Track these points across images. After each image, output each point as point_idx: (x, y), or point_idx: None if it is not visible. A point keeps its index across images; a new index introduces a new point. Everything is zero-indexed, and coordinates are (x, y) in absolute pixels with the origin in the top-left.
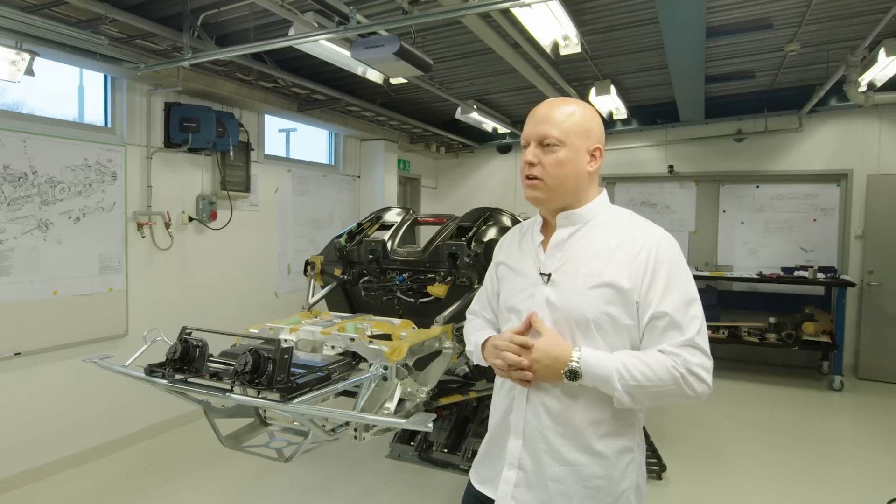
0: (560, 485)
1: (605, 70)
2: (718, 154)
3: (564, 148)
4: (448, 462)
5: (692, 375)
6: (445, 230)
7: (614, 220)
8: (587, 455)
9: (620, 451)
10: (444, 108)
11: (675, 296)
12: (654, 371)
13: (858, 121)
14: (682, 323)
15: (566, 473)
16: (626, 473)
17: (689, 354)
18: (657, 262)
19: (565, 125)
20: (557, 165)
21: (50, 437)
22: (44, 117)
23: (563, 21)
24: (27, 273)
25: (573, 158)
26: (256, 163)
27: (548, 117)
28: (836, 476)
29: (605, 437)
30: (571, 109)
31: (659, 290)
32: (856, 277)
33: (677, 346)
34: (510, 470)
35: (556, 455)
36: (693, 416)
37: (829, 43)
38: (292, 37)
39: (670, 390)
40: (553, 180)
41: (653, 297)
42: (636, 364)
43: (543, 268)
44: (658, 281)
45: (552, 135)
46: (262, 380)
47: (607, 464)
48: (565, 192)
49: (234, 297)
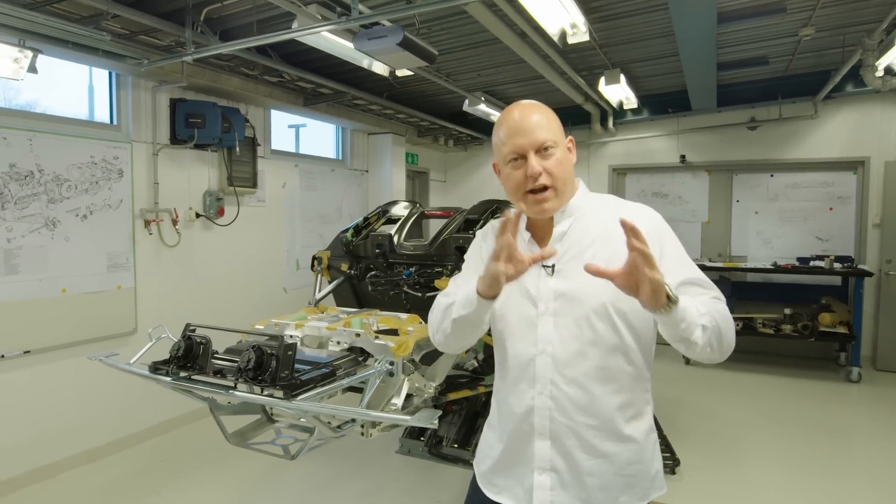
0: (597, 478)
1: (615, 59)
2: (731, 143)
3: (558, 148)
4: (458, 457)
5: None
6: (452, 223)
7: (602, 205)
8: (619, 443)
9: (647, 431)
10: (452, 100)
11: (685, 260)
12: (718, 311)
13: (876, 106)
14: (703, 283)
15: (602, 465)
16: (655, 453)
17: (723, 307)
18: (658, 233)
19: (552, 125)
20: (559, 166)
21: (60, 434)
22: (49, 115)
23: (570, 8)
24: (35, 271)
25: (567, 157)
26: (263, 158)
27: (537, 123)
28: (854, 470)
29: (632, 419)
30: (543, 110)
31: (673, 258)
32: (873, 267)
33: (714, 300)
34: (542, 475)
35: (590, 448)
36: (707, 409)
37: (844, 26)
38: (295, 30)
39: (728, 332)
40: (560, 183)
41: (668, 268)
42: (702, 303)
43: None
44: (667, 250)
45: (548, 138)
46: (265, 377)
47: (639, 448)
48: (569, 191)
49: (243, 293)
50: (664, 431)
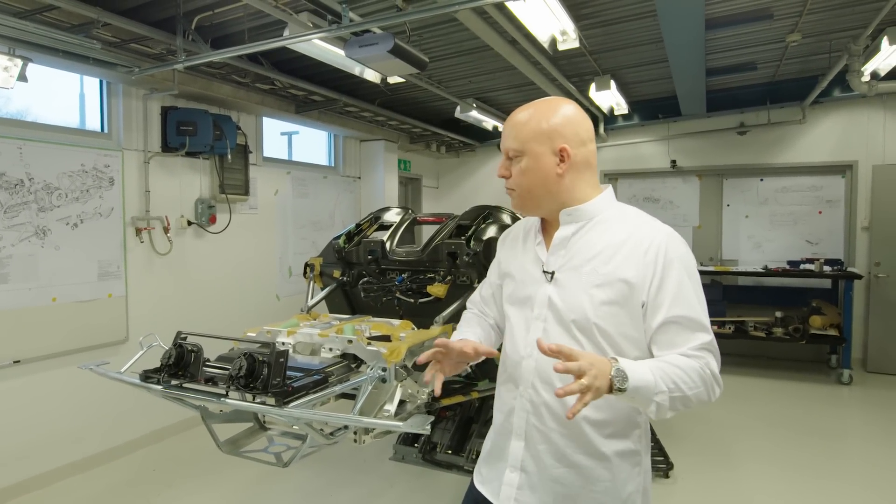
0: (564, 487)
1: (605, 65)
2: (721, 148)
3: (525, 157)
4: (452, 463)
5: (714, 379)
6: (444, 229)
7: (620, 217)
8: (592, 458)
9: (625, 452)
10: (444, 106)
11: (688, 295)
12: (688, 375)
13: (862, 111)
14: (703, 325)
15: (570, 475)
16: (631, 476)
17: (710, 357)
18: (667, 260)
19: (522, 134)
20: (521, 175)
21: (51, 444)
22: (39, 123)
23: (560, 16)
24: (25, 280)
25: (534, 166)
26: (255, 165)
27: (508, 130)
28: (846, 471)
29: (610, 438)
30: (526, 116)
31: (671, 290)
32: (863, 269)
33: (699, 349)
34: (512, 472)
35: (560, 456)
36: (699, 412)
37: (830, 32)
38: (286, 37)
39: (700, 394)
40: (521, 189)
41: (664, 299)
42: (670, 369)
43: (547, 266)
44: (669, 281)
45: (511, 147)
46: (257, 384)
47: (612, 467)
48: (537, 198)
49: (236, 300)
50: (657, 435)
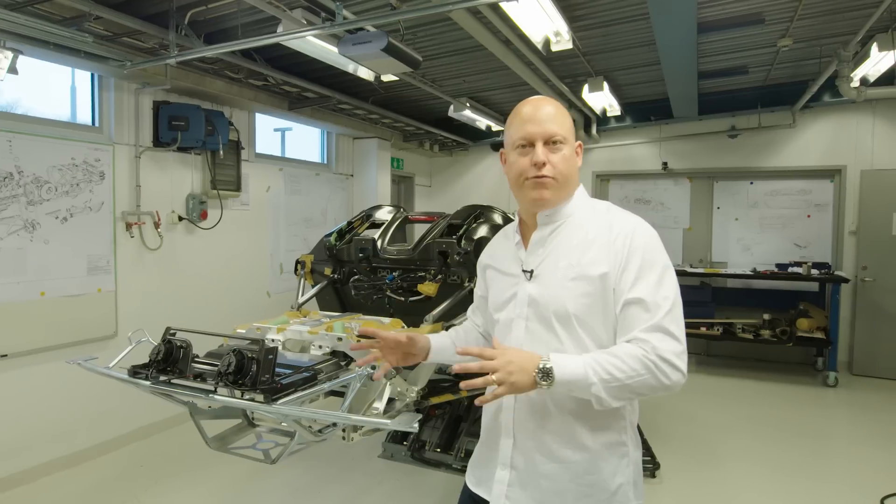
0: (553, 483)
1: (598, 66)
2: (712, 150)
3: (567, 145)
4: (441, 461)
5: (664, 362)
6: (436, 228)
7: (592, 213)
8: (578, 451)
9: (611, 444)
10: (437, 105)
11: (647, 279)
12: (625, 363)
13: (852, 116)
14: (651, 306)
15: (558, 471)
16: (619, 468)
17: (657, 340)
18: (632, 248)
19: (566, 123)
20: (564, 162)
21: (39, 439)
22: (29, 116)
23: (553, 17)
24: (13, 274)
25: (572, 155)
26: (247, 161)
27: (550, 116)
28: (831, 472)
29: (595, 431)
30: (555, 107)
31: (632, 275)
32: (850, 273)
33: (645, 332)
34: (503, 470)
35: (547, 452)
36: (687, 412)
37: (821, 38)
38: (279, 34)
39: (645, 381)
40: (563, 178)
41: (625, 284)
42: (606, 359)
43: (526, 265)
44: (631, 266)
45: (559, 132)
46: (245, 380)
47: (599, 460)
48: (569, 188)
49: (226, 296)
50: (644, 435)
